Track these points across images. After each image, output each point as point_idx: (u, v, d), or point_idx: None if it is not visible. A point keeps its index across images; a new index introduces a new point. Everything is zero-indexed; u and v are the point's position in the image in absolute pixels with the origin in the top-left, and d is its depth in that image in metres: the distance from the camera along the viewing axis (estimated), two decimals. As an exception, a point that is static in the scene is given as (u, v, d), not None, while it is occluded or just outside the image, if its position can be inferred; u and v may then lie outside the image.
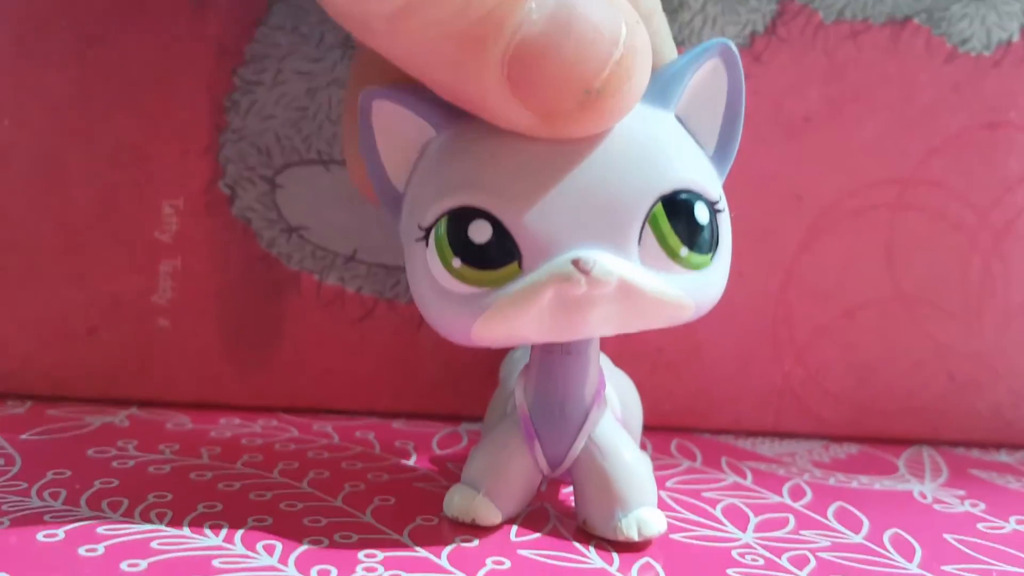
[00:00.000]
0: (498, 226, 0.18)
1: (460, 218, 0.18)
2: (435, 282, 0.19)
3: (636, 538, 0.21)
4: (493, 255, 0.18)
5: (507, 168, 0.18)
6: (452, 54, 0.17)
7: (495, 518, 0.21)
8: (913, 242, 0.28)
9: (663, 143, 0.19)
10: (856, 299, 0.28)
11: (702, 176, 0.19)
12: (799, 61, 0.28)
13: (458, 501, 0.21)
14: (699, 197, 0.19)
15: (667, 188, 0.18)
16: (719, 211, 0.19)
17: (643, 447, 0.26)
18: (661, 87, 0.19)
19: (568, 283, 0.18)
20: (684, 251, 0.19)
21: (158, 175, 0.27)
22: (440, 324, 0.19)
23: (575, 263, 0.18)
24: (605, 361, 0.24)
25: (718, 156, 0.20)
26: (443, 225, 0.18)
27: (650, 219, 0.18)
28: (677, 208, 0.19)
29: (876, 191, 0.28)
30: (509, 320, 0.18)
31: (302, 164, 0.28)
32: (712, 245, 0.19)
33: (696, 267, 0.19)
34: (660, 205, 0.18)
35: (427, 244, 0.19)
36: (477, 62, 0.17)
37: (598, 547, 0.21)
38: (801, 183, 0.28)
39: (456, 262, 0.18)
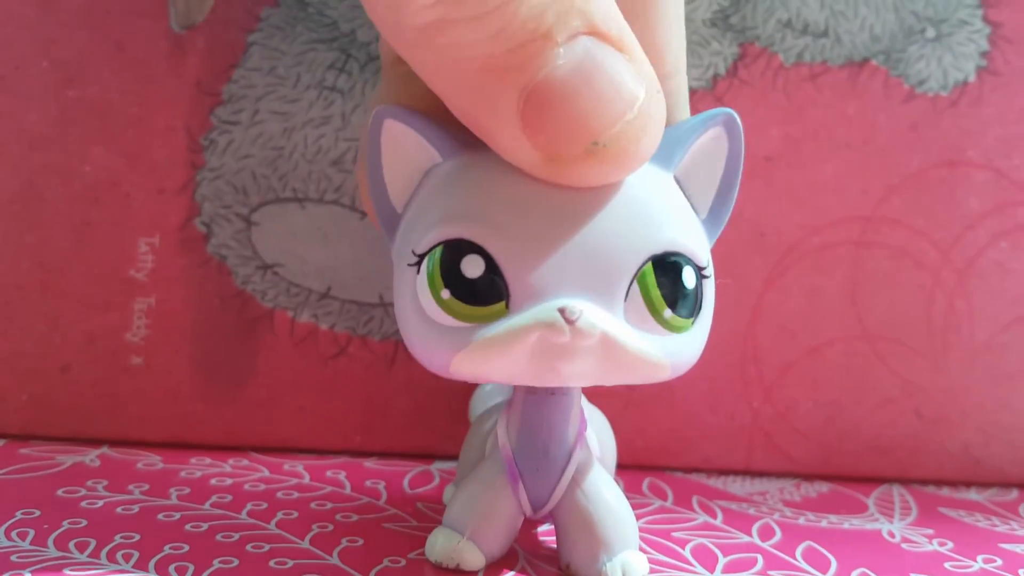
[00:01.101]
0: (491, 263, 0.18)
1: (455, 250, 0.19)
2: (421, 309, 0.19)
3: None
4: (482, 291, 0.18)
5: (508, 207, 0.19)
6: (474, 78, 0.18)
7: (479, 562, 0.21)
8: (877, 280, 0.29)
9: (660, 204, 0.19)
10: (822, 337, 0.29)
11: (693, 241, 0.19)
12: (760, 102, 0.28)
13: (441, 545, 0.21)
14: (688, 261, 0.19)
15: (659, 249, 0.19)
16: (706, 277, 0.20)
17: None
18: (665, 148, 0.19)
19: (552, 330, 0.18)
20: (668, 313, 0.19)
21: (134, 213, 0.28)
22: (420, 352, 0.19)
23: (561, 311, 0.18)
24: (581, 399, 0.24)
25: (710, 221, 0.20)
26: (437, 254, 0.19)
27: (639, 277, 0.19)
28: (666, 269, 0.19)
29: (838, 229, 0.28)
30: (489, 359, 0.18)
31: (278, 202, 0.28)
32: (695, 310, 0.19)
33: (677, 329, 0.19)
34: (650, 264, 0.19)
35: (419, 271, 0.19)
36: (496, 91, 0.18)
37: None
38: (764, 221, 0.28)
39: (445, 293, 0.19)
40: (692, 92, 0.28)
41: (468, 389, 0.28)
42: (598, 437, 0.23)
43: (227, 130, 0.28)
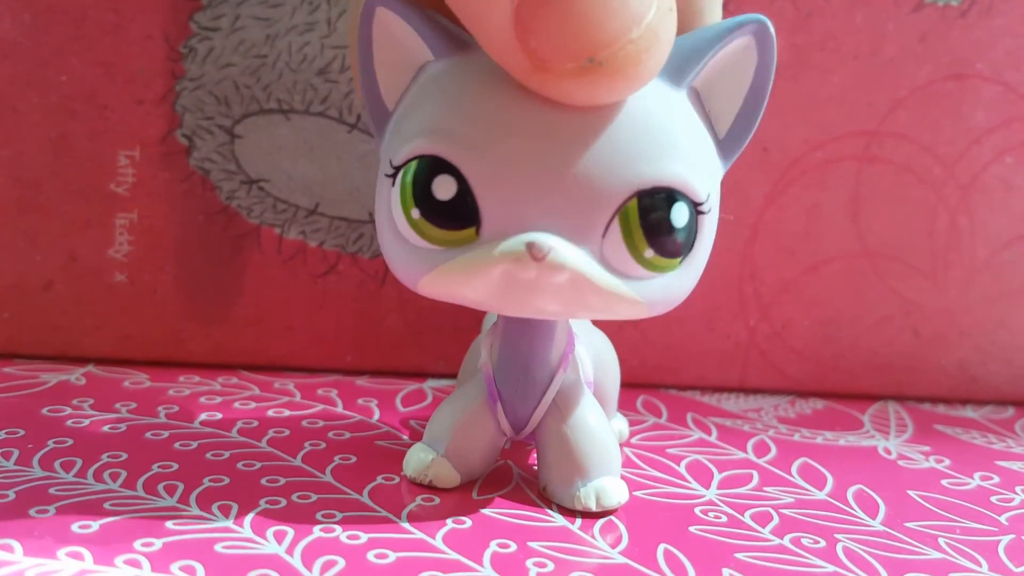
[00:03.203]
0: (464, 186, 0.17)
1: (429, 168, 0.18)
2: (394, 223, 0.18)
3: (594, 508, 0.20)
4: (453, 215, 0.18)
5: (489, 126, 0.17)
6: None
7: (453, 480, 0.21)
8: (879, 196, 0.28)
9: (658, 131, 0.18)
10: (822, 255, 0.28)
11: (693, 172, 0.18)
12: (766, 10, 0.27)
13: (416, 461, 0.21)
14: (682, 196, 0.18)
15: (647, 183, 0.17)
16: (703, 212, 0.18)
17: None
18: (679, 60, 0.18)
19: (518, 265, 0.17)
20: (649, 252, 0.18)
21: (113, 125, 0.27)
22: (392, 264, 0.19)
23: (529, 247, 0.17)
24: (583, 320, 0.24)
25: (729, 141, 0.19)
26: (411, 171, 0.18)
27: (621, 213, 0.17)
28: (653, 206, 0.17)
29: (842, 144, 0.28)
30: (454, 286, 0.18)
31: (262, 114, 0.27)
32: (685, 248, 0.18)
33: (660, 270, 0.18)
34: (635, 200, 0.17)
35: (394, 183, 0.18)
36: None
37: (561, 506, 0.21)
38: (767, 135, 0.28)
39: (415, 213, 0.18)
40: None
41: (461, 308, 0.28)
42: (597, 360, 0.23)
43: (207, 37, 0.27)
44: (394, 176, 0.18)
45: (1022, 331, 0.29)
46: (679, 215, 0.18)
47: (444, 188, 0.17)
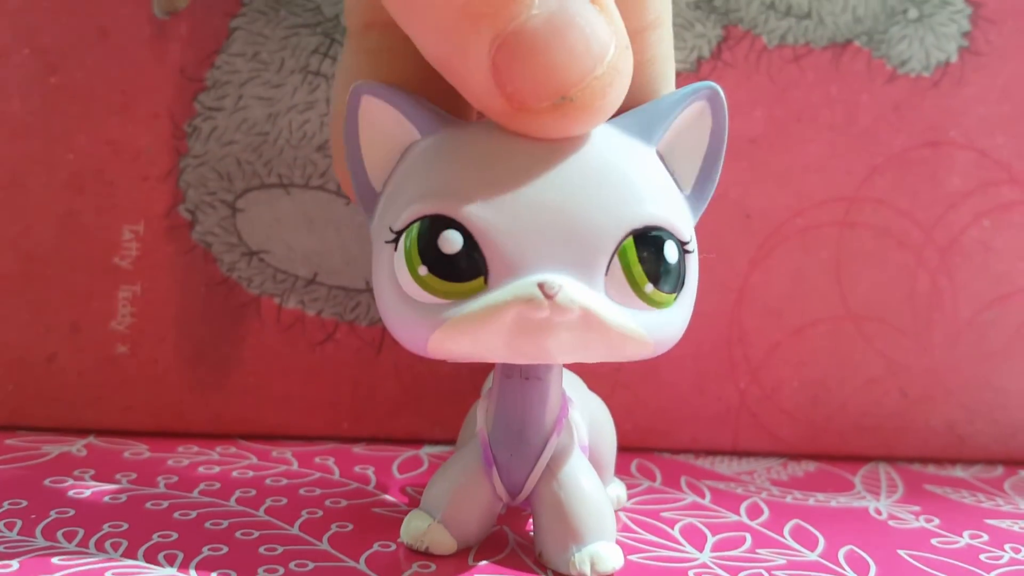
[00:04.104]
0: (468, 239, 0.18)
1: (432, 226, 0.18)
2: (398, 287, 0.19)
3: (589, 573, 0.20)
4: (460, 267, 0.18)
5: (487, 182, 0.18)
6: (448, 22, 0.18)
7: (450, 546, 0.21)
8: (861, 259, 0.29)
9: (642, 178, 0.19)
10: (807, 317, 0.29)
11: (675, 215, 0.19)
12: (744, 84, 0.28)
13: (413, 528, 0.21)
14: (670, 236, 0.19)
15: (639, 223, 0.18)
16: (688, 252, 0.19)
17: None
18: (647, 122, 0.19)
19: (531, 305, 0.18)
20: (649, 287, 0.19)
21: (118, 200, 0.28)
22: (397, 330, 0.19)
23: (540, 286, 0.18)
24: (578, 384, 0.24)
25: (694, 197, 0.20)
26: (414, 231, 0.18)
27: (619, 252, 0.18)
28: (647, 244, 0.19)
29: (822, 210, 0.29)
30: (467, 335, 0.18)
31: (263, 188, 0.28)
32: (678, 285, 0.19)
33: (659, 305, 0.19)
34: (631, 239, 0.18)
35: (396, 248, 0.19)
36: (469, 37, 0.18)
37: (556, 572, 0.21)
38: (749, 203, 0.28)
39: (422, 270, 0.18)
40: (676, 75, 0.28)
41: (457, 375, 0.28)
42: (593, 424, 0.23)
43: (211, 116, 0.28)
44: (395, 241, 0.19)
45: (1007, 390, 0.29)
46: (670, 252, 0.19)
47: (449, 243, 0.18)
